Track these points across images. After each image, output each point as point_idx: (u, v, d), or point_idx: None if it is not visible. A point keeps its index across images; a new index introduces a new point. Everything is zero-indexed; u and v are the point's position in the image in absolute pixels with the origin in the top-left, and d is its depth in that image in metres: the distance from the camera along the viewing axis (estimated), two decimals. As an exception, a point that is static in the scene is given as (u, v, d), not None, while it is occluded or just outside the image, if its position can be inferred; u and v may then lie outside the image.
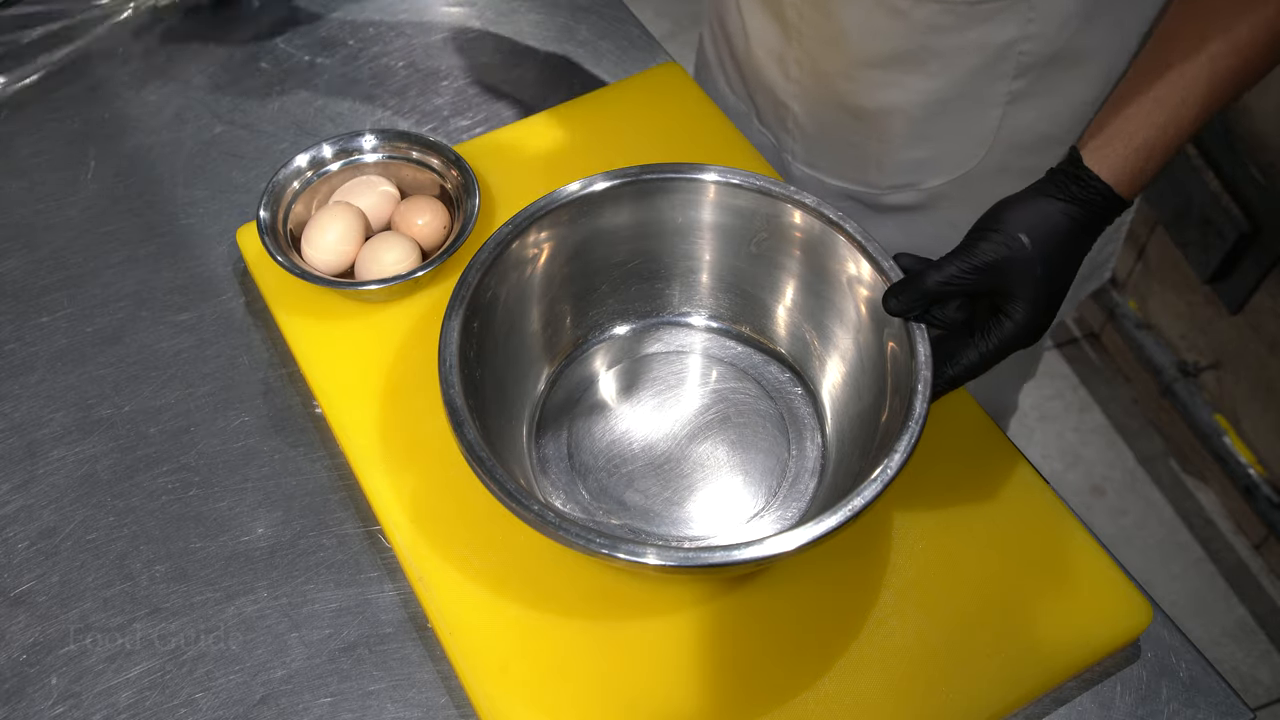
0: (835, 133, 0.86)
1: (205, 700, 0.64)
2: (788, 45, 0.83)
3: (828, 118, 0.85)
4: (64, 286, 0.82)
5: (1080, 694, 0.63)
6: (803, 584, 0.65)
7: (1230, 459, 1.51)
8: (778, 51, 0.85)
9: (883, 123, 0.82)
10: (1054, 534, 0.67)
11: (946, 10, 0.73)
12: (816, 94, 0.85)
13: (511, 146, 0.85)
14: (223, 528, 0.70)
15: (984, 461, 0.69)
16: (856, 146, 0.85)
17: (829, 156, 0.88)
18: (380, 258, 0.75)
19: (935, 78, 0.77)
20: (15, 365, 0.78)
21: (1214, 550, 1.59)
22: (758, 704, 0.61)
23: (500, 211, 0.81)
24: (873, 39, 0.77)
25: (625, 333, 0.75)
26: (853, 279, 0.67)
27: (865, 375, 0.68)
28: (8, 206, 0.87)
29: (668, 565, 0.55)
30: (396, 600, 0.67)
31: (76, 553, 0.69)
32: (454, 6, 1.01)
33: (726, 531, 0.67)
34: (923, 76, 0.78)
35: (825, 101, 0.84)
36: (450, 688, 0.64)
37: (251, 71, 0.95)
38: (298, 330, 0.76)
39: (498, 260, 0.67)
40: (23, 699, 0.64)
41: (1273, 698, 1.47)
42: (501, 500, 0.58)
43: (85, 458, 0.73)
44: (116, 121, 0.92)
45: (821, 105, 0.85)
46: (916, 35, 0.75)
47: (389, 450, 0.70)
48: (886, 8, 0.74)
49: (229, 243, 0.84)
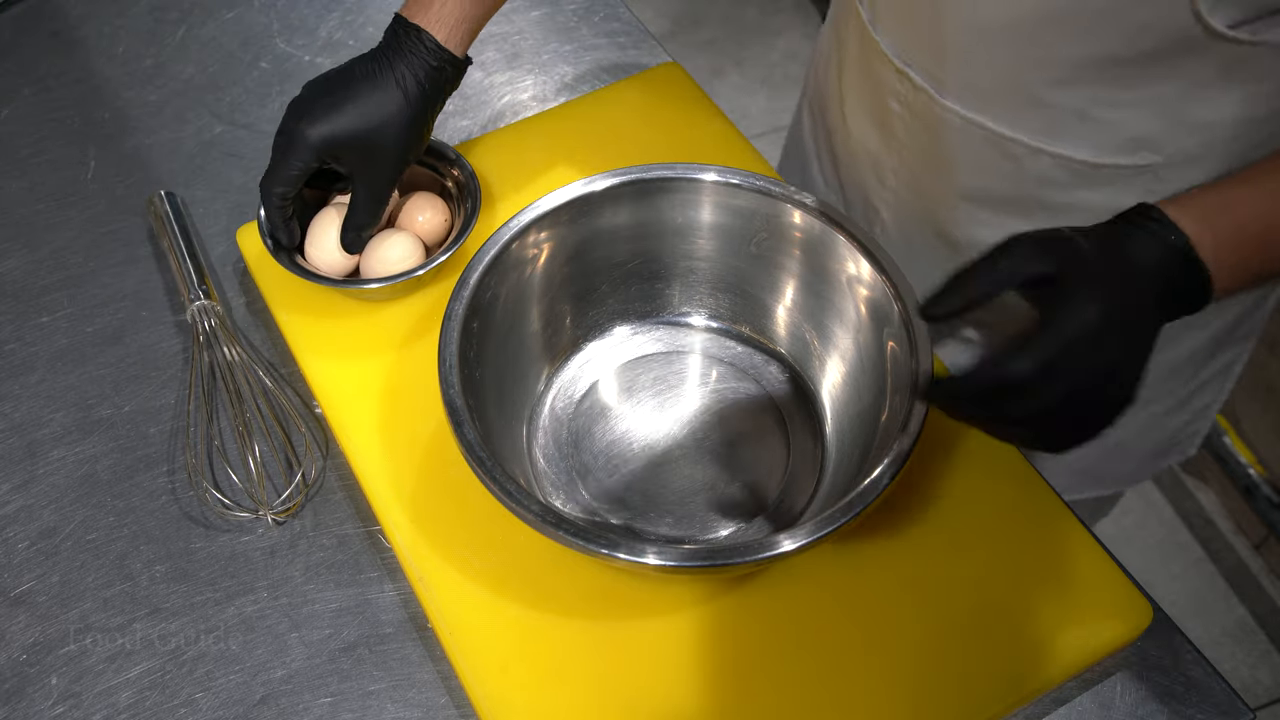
0: (921, 252, 0.81)
1: (205, 700, 0.64)
2: (887, 154, 0.79)
3: (917, 235, 0.81)
4: (64, 286, 0.82)
5: (1080, 694, 0.63)
6: (802, 584, 0.65)
7: (1230, 459, 1.51)
8: (876, 157, 0.81)
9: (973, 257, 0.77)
10: (1054, 534, 0.66)
11: (1063, 165, 0.69)
12: (911, 209, 0.81)
13: (511, 146, 0.85)
14: (223, 528, 0.70)
15: (984, 461, 0.69)
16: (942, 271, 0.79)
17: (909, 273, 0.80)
18: (385, 255, 0.75)
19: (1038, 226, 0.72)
20: (15, 365, 0.78)
21: (1214, 550, 1.59)
22: (757, 704, 0.61)
23: (500, 211, 0.81)
24: (979, 176, 0.73)
25: (625, 333, 0.75)
26: (852, 279, 0.67)
27: (865, 375, 0.68)
28: (8, 206, 0.87)
29: (667, 565, 0.55)
30: (396, 600, 0.67)
31: (76, 553, 0.69)
32: (454, 6, 1.00)
33: (726, 531, 0.67)
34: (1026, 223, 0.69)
35: (917, 219, 0.80)
36: (450, 688, 0.64)
37: (251, 71, 0.95)
38: (298, 330, 0.75)
39: (498, 260, 0.67)
40: (23, 699, 0.64)
41: (1273, 698, 1.47)
42: (501, 500, 0.58)
43: (85, 458, 0.73)
44: (116, 121, 0.92)
45: (913, 222, 0.81)
46: (1027, 184, 0.71)
47: (389, 450, 0.70)
48: (1000, 150, 0.70)
49: (229, 243, 0.84)
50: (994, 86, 0.68)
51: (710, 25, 2.25)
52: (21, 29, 0.99)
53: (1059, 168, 0.69)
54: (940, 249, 0.79)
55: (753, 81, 2.17)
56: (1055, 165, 0.69)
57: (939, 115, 0.72)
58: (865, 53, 0.77)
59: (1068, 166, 0.69)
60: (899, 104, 0.75)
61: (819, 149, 0.92)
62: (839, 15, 0.83)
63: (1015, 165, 0.70)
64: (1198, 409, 0.89)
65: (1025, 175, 0.70)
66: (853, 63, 0.80)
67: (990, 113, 0.69)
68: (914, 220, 0.81)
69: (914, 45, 0.71)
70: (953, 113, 0.71)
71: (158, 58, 0.97)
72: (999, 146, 0.70)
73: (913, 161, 0.77)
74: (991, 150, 0.71)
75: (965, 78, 0.69)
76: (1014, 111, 0.68)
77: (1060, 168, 0.69)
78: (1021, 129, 0.68)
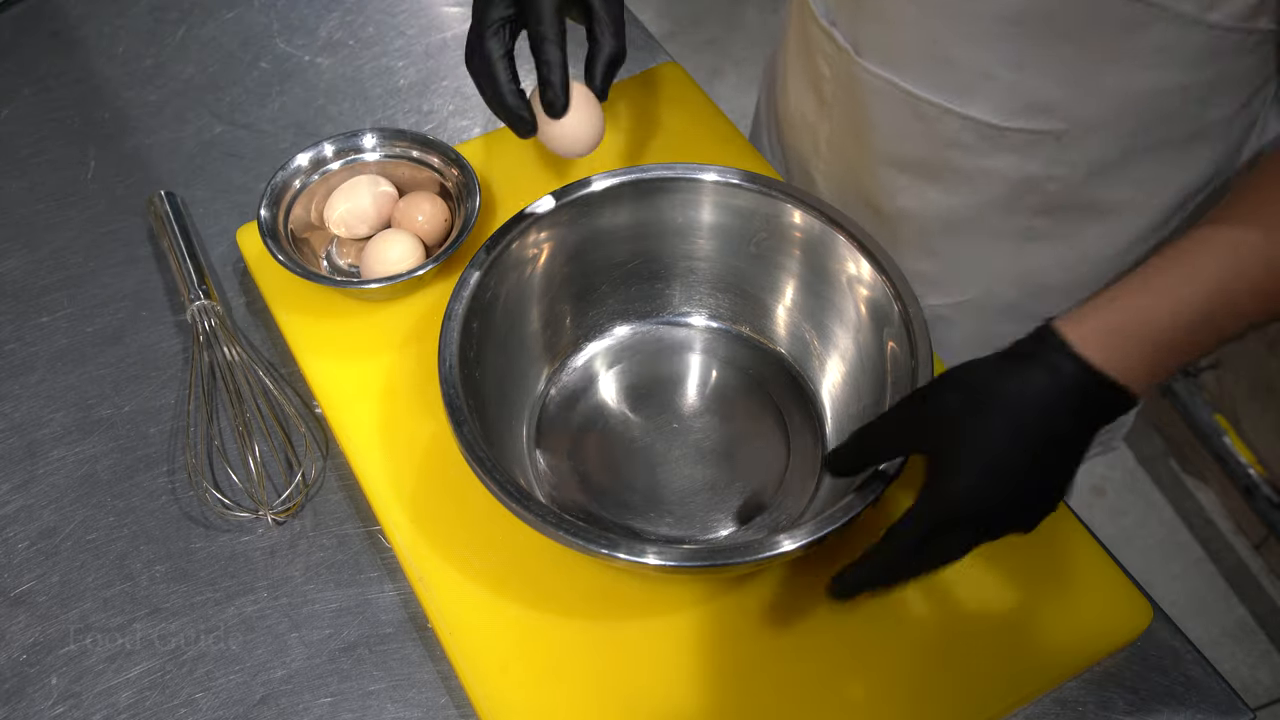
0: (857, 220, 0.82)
1: (205, 700, 0.64)
2: (820, 119, 0.81)
3: (851, 204, 0.82)
4: (64, 286, 0.82)
5: (1080, 694, 0.63)
6: (802, 585, 0.65)
7: (1230, 459, 1.51)
8: (812, 125, 0.83)
9: (896, 226, 0.79)
10: (1054, 534, 0.66)
11: (971, 128, 0.70)
12: (841, 179, 0.82)
13: (511, 146, 0.85)
14: (223, 528, 0.70)
15: (984, 461, 0.69)
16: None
17: None
18: (385, 254, 0.75)
19: (951, 194, 0.74)
20: (15, 365, 0.78)
21: (1214, 550, 1.59)
22: (757, 704, 0.61)
23: (500, 211, 0.81)
24: (896, 139, 0.74)
25: (625, 332, 0.75)
26: (852, 279, 0.67)
27: (865, 375, 0.68)
28: (8, 206, 0.87)
29: (667, 565, 0.55)
30: (396, 600, 0.67)
31: (76, 553, 0.69)
32: (454, 6, 1.01)
33: (726, 532, 0.67)
34: (940, 190, 0.75)
35: (848, 189, 0.82)
36: (450, 688, 0.64)
37: (251, 71, 0.95)
38: (298, 330, 0.75)
39: (498, 260, 0.67)
40: (23, 699, 0.64)
41: (1273, 698, 1.47)
42: (501, 500, 0.58)
43: (85, 458, 0.73)
44: (116, 121, 0.92)
45: (845, 190, 0.83)
46: (939, 147, 0.72)
47: (389, 450, 0.70)
48: (913, 110, 0.71)
49: (229, 243, 0.84)
50: (905, 45, 0.69)
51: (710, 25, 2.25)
52: (21, 29, 0.99)
53: (967, 130, 0.70)
54: (868, 218, 0.80)
55: (753, 81, 2.17)
56: (963, 127, 0.70)
57: (858, 76, 0.73)
58: (801, 16, 0.80)
59: (975, 129, 0.70)
60: (827, 66, 0.77)
61: (768, 118, 0.94)
62: None
63: (927, 126, 0.71)
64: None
65: (936, 137, 0.72)
66: (794, 28, 0.82)
67: (903, 72, 0.71)
68: (846, 188, 0.82)
69: (837, 3, 0.74)
70: (869, 73, 0.72)
71: (158, 58, 0.97)
72: (912, 107, 0.71)
73: (839, 126, 0.79)
74: (905, 111, 0.72)
75: (880, 35, 0.71)
76: (926, 72, 0.69)
77: (968, 130, 0.70)
78: (932, 90, 0.70)
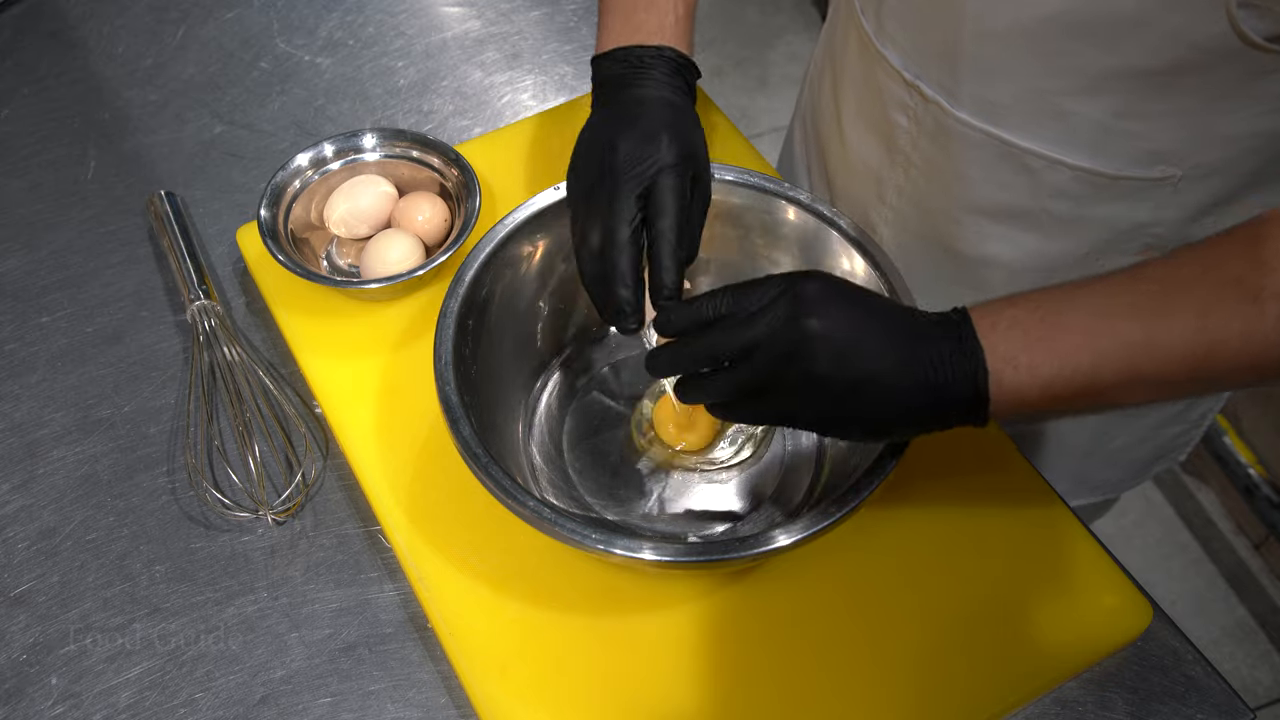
0: (923, 268, 0.78)
1: (205, 700, 0.64)
2: (891, 169, 0.77)
3: (917, 250, 0.79)
4: (64, 286, 0.82)
5: (1080, 694, 0.63)
6: (800, 580, 0.65)
7: (1230, 459, 1.51)
8: (877, 173, 0.79)
9: (980, 273, 0.76)
10: (1054, 534, 0.66)
11: (1082, 179, 0.67)
12: (914, 227, 0.78)
13: (511, 146, 0.85)
14: (223, 528, 0.70)
15: (984, 460, 0.69)
16: (946, 286, 0.78)
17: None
18: (385, 255, 0.75)
19: (1049, 240, 0.71)
20: (15, 365, 0.78)
21: (1214, 550, 1.59)
22: (756, 700, 0.61)
23: (501, 211, 0.81)
24: (992, 189, 0.71)
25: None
26: (847, 275, 0.67)
27: (865, 375, 0.68)
28: (8, 206, 0.87)
29: (664, 560, 0.55)
30: (396, 600, 0.67)
31: (76, 553, 0.69)
32: (454, 6, 1.01)
33: (723, 527, 0.67)
34: (1037, 236, 0.71)
35: (921, 236, 0.78)
36: (450, 688, 0.64)
37: (251, 71, 0.95)
38: (298, 330, 0.75)
39: (493, 258, 0.67)
40: (23, 699, 0.64)
41: (1273, 698, 1.47)
42: (497, 496, 0.58)
43: (85, 458, 0.73)
44: (116, 121, 0.92)
45: (915, 239, 0.79)
46: (1041, 197, 0.69)
47: (389, 450, 0.70)
48: (1015, 163, 0.68)
49: (229, 243, 0.84)
50: (1011, 97, 0.66)
51: (710, 25, 2.25)
52: (21, 29, 0.99)
53: (1076, 181, 0.67)
54: (945, 263, 0.77)
55: (753, 81, 2.17)
56: (1073, 178, 0.67)
57: (951, 128, 0.70)
58: (868, 66, 0.75)
59: (1085, 179, 0.67)
60: (906, 117, 0.73)
61: (810, 165, 0.90)
62: (836, 28, 0.81)
63: (1030, 178, 0.68)
64: (1193, 419, 0.89)
65: (1040, 188, 0.69)
66: (852, 76, 0.78)
67: (1006, 124, 0.67)
68: (916, 237, 0.79)
69: (925, 56, 0.69)
70: (966, 125, 0.68)
71: (158, 58, 0.97)
72: (1014, 159, 0.68)
73: (918, 176, 0.75)
74: (1006, 163, 0.69)
75: (981, 89, 0.67)
76: (1032, 123, 0.66)
77: (1077, 181, 0.67)
78: (1039, 141, 0.66)
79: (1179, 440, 0.90)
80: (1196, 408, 0.87)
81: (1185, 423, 0.88)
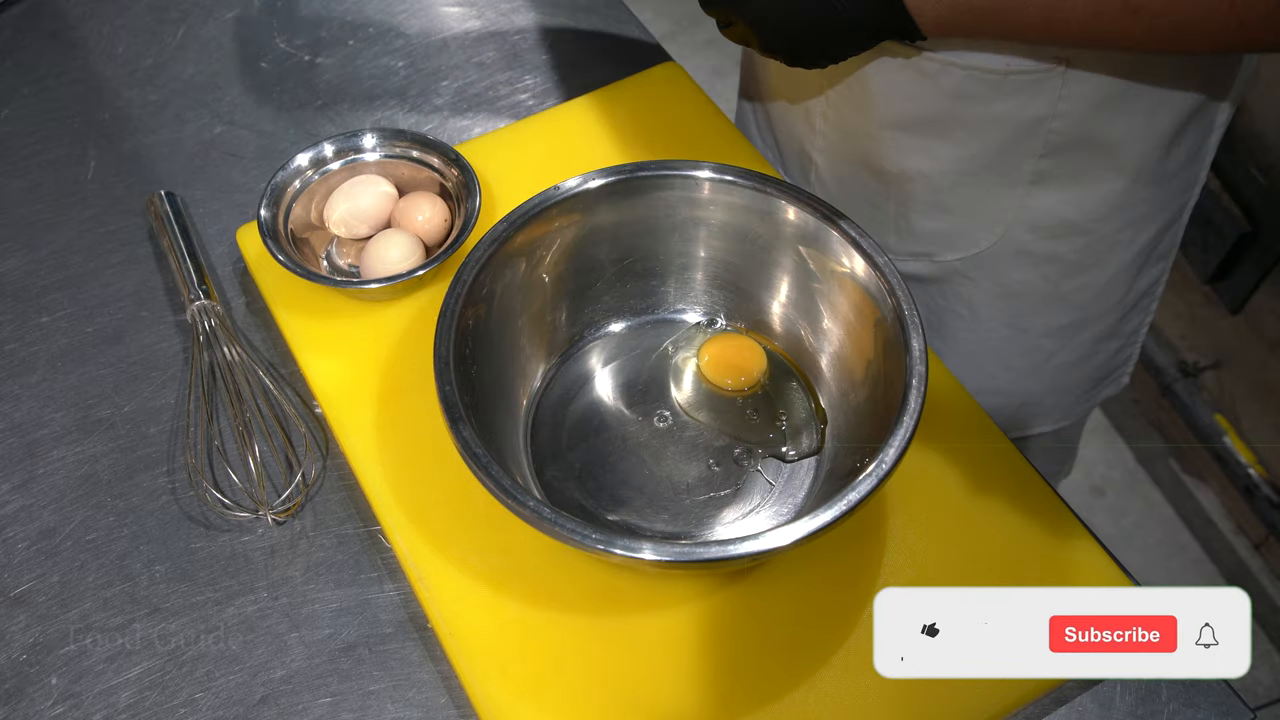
0: (856, 191, 0.83)
1: (205, 700, 0.64)
2: (815, 96, 0.81)
3: (850, 175, 0.83)
4: (64, 286, 0.82)
5: (1080, 694, 0.63)
6: (801, 579, 0.65)
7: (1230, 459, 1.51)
8: (805, 105, 0.83)
9: (904, 187, 0.80)
10: (1054, 534, 0.66)
11: (975, 78, 0.70)
12: (841, 150, 0.82)
13: (511, 146, 0.85)
14: (223, 528, 0.70)
15: (983, 459, 0.69)
16: (876, 208, 0.83)
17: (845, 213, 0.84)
18: (385, 255, 0.75)
19: (960, 146, 0.75)
20: (15, 365, 0.78)
21: (1214, 550, 1.59)
22: (756, 699, 0.61)
23: (501, 211, 0.81)
24: (899, 101, 0.74)
25: (621, 329, 0.75)
26: (847, 274, 0.67)
27: (860, 370, 0.68)
28: (8, 206, 0.87)
29: (664, 560, 0.55)
30: (396, 600, 0.67)
31: (76, 553, 0.69)
32: (454, 6, 1.01)
33: (723, 526, 0.67)
34: (948, 144, 0.75)
35: (848, 158, 0.82)
36: (450, 688, 0.64)
37: (251, 71, 0.95)
38: (298, 330, 0.76)
39: (493, 257, 0.67)
40: (23, 699, 0.64)
41: (1273, 698, 1.47)
42: (497, 496, 0.58)
43: (85, 458, 0.73)
44: (116, 121, 0.92)
45: (844, 162, 0.83)
46: (944, 101, 0.72)
47: (389, 450, 0.70)
48: (914, 70, 0.72)
49: (229, 243, 0.84)
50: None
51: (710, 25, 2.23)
52: (21, 29, 0.99)
53: (969, 80, 0.70)
54: (872, 183, 0.81)
55: (753, 81, 2.17)
56: (965, 78, 0.70)
57: None
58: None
59: (978, 78, 0.70)
60: None
61: (755, 110, 0.93)
62: None
63: (929, 83, 0.71)
64: (1128, 333, 0.91)
65: (939, 92, 0.72)
66: None
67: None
68: (845, 160, 0.82)
69: None
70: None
71: (158, 58, 0.97)
72: (911, 67, 0.71)
73: (836, 98, 0.79)
74: (904, 73, 0.72)
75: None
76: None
77: (970, 80, 0.70)
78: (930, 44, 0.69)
79: (1118, 358, 0.94)
80: (1129, 320, 0.90)
81: (1120, 337, 0.91)
